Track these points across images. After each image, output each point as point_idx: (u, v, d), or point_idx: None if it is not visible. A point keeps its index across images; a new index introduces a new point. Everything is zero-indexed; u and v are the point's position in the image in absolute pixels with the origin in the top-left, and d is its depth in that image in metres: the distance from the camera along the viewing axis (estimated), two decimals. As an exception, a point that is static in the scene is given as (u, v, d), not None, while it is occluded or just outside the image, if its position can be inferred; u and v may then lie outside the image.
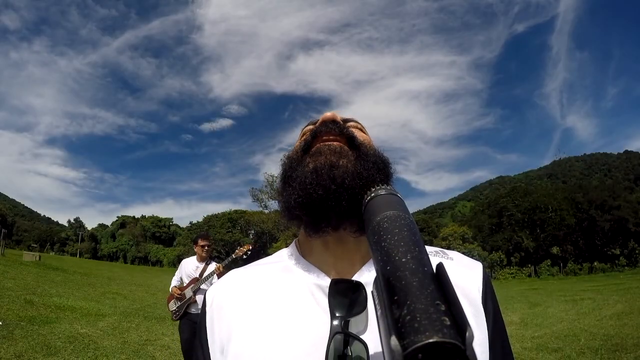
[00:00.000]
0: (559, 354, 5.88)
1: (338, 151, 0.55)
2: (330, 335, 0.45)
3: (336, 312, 0.46)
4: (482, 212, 64.80)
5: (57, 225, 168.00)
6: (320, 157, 0.55)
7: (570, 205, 51.88)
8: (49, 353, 4.86)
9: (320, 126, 0.59)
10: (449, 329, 0.21)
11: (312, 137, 0.59)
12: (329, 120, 0.60)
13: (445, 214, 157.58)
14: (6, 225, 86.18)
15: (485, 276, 0.57)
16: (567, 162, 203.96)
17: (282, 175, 0.60)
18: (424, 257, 0.28)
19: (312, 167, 0.54)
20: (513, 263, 51.87)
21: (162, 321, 8.44)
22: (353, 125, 0.65)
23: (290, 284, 0.55)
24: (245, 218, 74.63)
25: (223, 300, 0.57)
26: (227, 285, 0.60)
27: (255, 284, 0.58)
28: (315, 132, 0.59)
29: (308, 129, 0.64)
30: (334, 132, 0.58)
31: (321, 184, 0.51)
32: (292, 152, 0.62)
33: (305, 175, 0.53)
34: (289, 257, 0.62)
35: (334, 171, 0.52)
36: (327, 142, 0.57)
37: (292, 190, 0.54)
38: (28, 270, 16.40)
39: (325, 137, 0.58)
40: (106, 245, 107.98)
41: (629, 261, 44.56)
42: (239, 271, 0.63)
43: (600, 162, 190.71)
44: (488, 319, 0.52)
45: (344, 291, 0.48)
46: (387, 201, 0.36)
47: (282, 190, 0.59)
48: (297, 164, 0.57)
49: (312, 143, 0.58)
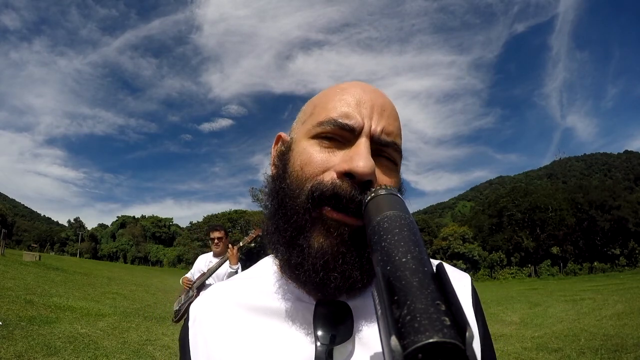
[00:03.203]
0: (559, 354, 5.88)
1: (349, 243, 0.45)
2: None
3: (320, 339, 0.44)
4: (482, 212, 64.85)
5: (57, 225, 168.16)
6: (329, 238, 0.45)
7: (570, 205, 51.90)
8: (49, 353, 4.86)
9: (335, 186, 0.45)
10: (449, 329, 0.21)
11: (319, 198, 0.45)
12: (360, 177, 0.44)
13: (445, 214, 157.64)
14: (6, 225, 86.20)
15: (473, 289, 0.55)
16: (567, 162, 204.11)
17: (275, 197, 0.51)
18: (424, 257, 0.28)
19: (318, 251, 0.45)
20: (513, 263, 51.91)
21: (162, 321, 8.44)
22: (386, 166, 0.50)
23: (273, 305, 0.51)
24: (245, 218, 74.75)
25: (205, 318, 0.54)
26: (209, 302, 0.56)
27: (238, 303, 0.53)
28: (330, 192, 0.44)
29: (325, 132, 0.49)
30: (354, 204, 0.43)
31: (331, 280, 0.45)
32: (294, 176, 0.49)
33: (311, 256, 0.45)
34: (273, 272, 0.55)
35: (344, 267, 0.44)
36: (339, 219, 0.45)
37: (291, 253, 0.47)
38: (28, 270, 16.39)
39: (337, 215, 0.45)
40: (106, 245, 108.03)
41: (629, 261, 44.61)
42: (223, 287, 0.58)
43: (600, 162, 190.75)
44: (479, 332, 0.51)
45: (330, 315, 0.46)
46: (387, 201, 0.36)
47: (273, 218, 0.50)
48: (300, 214, 0.46)
49: (321, 200, 0.45)
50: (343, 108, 0.49)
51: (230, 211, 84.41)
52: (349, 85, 0.53)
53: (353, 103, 0.50)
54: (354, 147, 0.46)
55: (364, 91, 0.51)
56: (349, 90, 0.52)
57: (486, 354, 0.50)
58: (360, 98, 0.50)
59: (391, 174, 0.50)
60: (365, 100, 0.50)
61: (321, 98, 0.54)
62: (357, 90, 0.51)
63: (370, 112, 0.49)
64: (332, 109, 0.50)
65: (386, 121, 0.50)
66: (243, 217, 76.17)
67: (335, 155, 0.48)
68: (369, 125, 0.48)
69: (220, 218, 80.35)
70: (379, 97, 0.51)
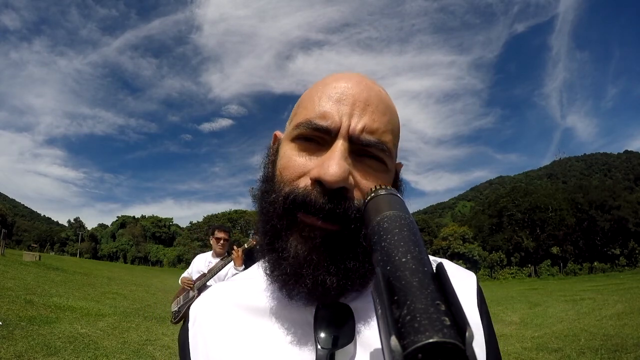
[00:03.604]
0: (559, 354, 5.88)
1: (321, 250, 0.43)
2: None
3: (321, 342, 0.43)
4: (482, 212, 64.85)
5: (57, 225, 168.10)
6: (302, 243, 0.44)
7: (570, 205, 51.90)
8: (49, 353, 4.86)
9: (307, 194, 0.43)
10: (449, 329, 0.21)
11: (292, 203, 0.44)
12: (329, 186, 0.42)
13: (445, 214, 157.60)
14: (6, 225, 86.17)
15: (478, 288, 0.54)
16: (567, 162, 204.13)
17: (259, 200, 0.51)
18: (424, 257, 0.27)
19: (292, 256, 0.44)
20: (513, 263, 51.91)
21: (162, 321, 8.44)
22: (370, 166, 0.47)
23: (272, 307, 0.50)
24: (245, 218, 74.78)
25: (205, 319, 0.53)
26: (209, 303, 0.55)
27: (237, 304, 0.53)
28: (301, 198, 0.43)
29: (299, 135, 0.48)
30: (322, 212, 0.42)
31: (302, 286, 0.44)
32: (272, 182, 0.49)
33: (285, 260, 0.45)
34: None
35: (315, 272, 0.43)
36: (312, 224, 0.43)
37: (273, 256, 0.47)
38: (28, 270, 16.39)
39: (309, 219, 0.43)
40: (106, 245, 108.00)
41: (629, 261, 44.62)
42: (222, 288, 0.57)
43: (600, 162, 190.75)
44: (484, 332, 0.49)
45: (331, 317, 0.45)
46: (387, 201, 0.35)
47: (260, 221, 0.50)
48: (276, 219, 0.46)
49: (295, 206, 0.44)
50: (322, 107, 0.46)
51: (230, 211, 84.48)
52: (333, 79, 0.49)
53: (333, 100, 0.47)
54: (329, 152, 0.44)
55: (347, 85, 0.48)
56: (332, 85, 0.48)
57: (491, 355, 0.49)
58: (342, 93, 0.47)
59: (376, 175, 0.47)
60: (348, 96, 0.46)
61: (306, 95, 0.51)
62: (340, 84, 0.48)
63: (350, 110, 0.46)
64: (311, 109, 0.47)
65: (369, 118, 0.46)
66: (243, 217, 76.21)
67: (312, 159, 0.46)
68: (347, 125, 0.45)
69: (220, 218, 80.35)
70: (363, 91, 0.47)
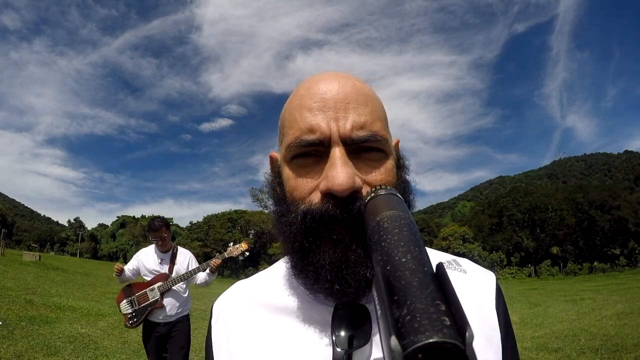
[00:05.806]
0: (559, 354, 5.88)
1: (353, 247, 0.44)
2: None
3: (338, 343, 0.44)
4: (482, 212, 64.80)
5: (57, 225, 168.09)
6: (333, 249, 0.44)
7: (570, 205, 51.91)
8: (49, 353, 4.86)
9: (324, 210, 0.44)
10: (449, 329, 0.21)
11: (312, 221, 0.45)
12: (340, 195, 0.43)
13: (445, 214, 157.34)
14: (6, 225, 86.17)
15: (497, 287, 0.54)
16: (567, 162, 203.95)
17: (278, 221, 0.50)
18: (424, 257, 0.27)
19: (329, 264, 0.44)
20: (513, 263, 51.90)
21: (162, 321, 8.45)
22: (371, 159, 0.48)
23: (292, 305, 0.52)
24: (245, 218, 74.73)
25: (227, 316, 0.55)
26: (231, 301, 0.57)
27: (258, 301, 0.55)
28: (319, 214, 0.44)
29: (297, 151, 0.48)
30: (342, 222, 0.44)
31: (346, 287, 0.44)
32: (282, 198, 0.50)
33: (323, 269, 0.45)
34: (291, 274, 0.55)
35: (355, 269, 0.44)
36: (331, 234, 0.44)
37: (304, 269, 0.47)
38: (28, 270, 16.40)
39: (333, 232, 0.44)
40: (106, 245, 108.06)
41: (629, 261, 44.64)
42: (243, 285, 0.59)
43: (600, 162, 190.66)
44: (500, 333, 0.49)
45: (348, 318, 0.45)
46: (387, 201, 0.35)
47: (277, 226, 0.51)
48: (301, 238, 0.46)
49: (315, 222, 0.45)
50: (305, 121, 0.46)
51: (230, 211, 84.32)
52: (306, 88, 0.49)
53: (314, 109, 0.46)
54: (329, 162, 0.45)
55: (323, 90, 0.47)
56: (307, 95, 0.48)
57: (508, 355, 0.49)
58: (320, 100, 0.47)
59: (379, 164, 0.47)
60: (326, 101, 0.46)
61: (286, 112, 0.51)
62: (315, 91, 0.48)
63: (334, 113, 0.46)
64: (296, 127, 0.47)
65: (354, 114, 0.46)
66: (243, 217, 76.09)
67: (316, 173, 0.46)
68: (337, 130, 0.45)
69: (220, 218, 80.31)
70: (339, 91, 0.47)
